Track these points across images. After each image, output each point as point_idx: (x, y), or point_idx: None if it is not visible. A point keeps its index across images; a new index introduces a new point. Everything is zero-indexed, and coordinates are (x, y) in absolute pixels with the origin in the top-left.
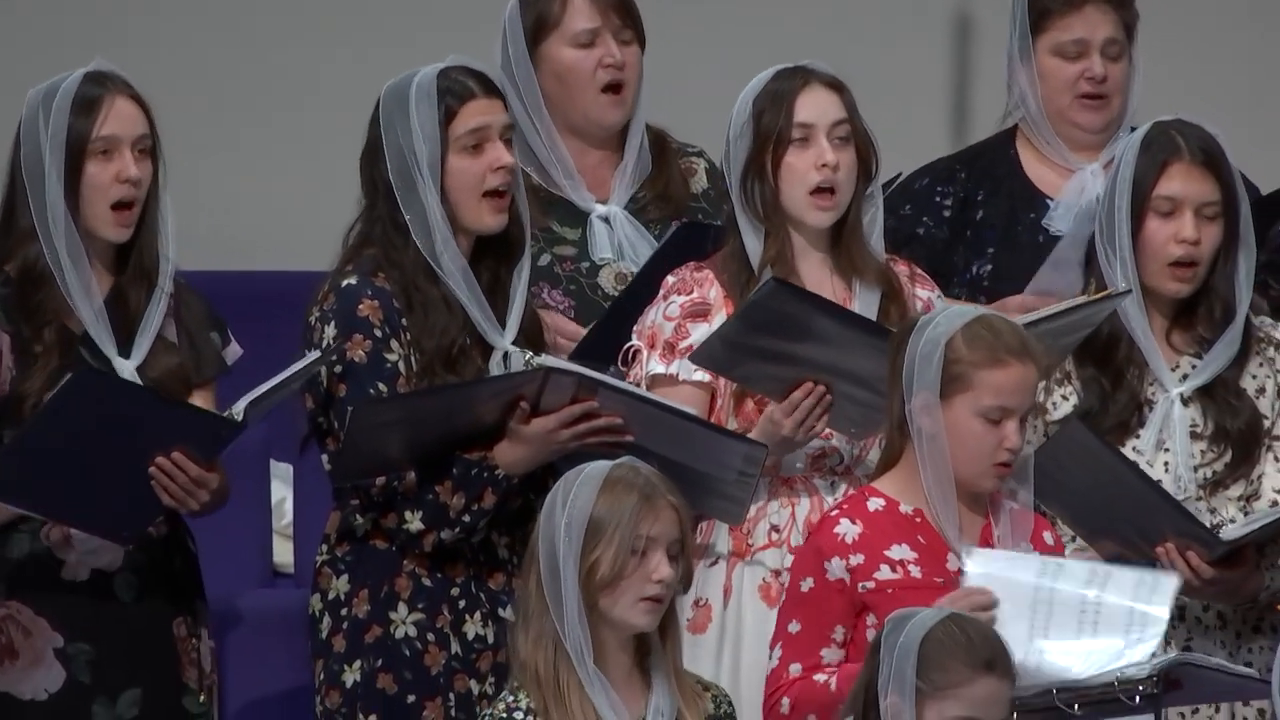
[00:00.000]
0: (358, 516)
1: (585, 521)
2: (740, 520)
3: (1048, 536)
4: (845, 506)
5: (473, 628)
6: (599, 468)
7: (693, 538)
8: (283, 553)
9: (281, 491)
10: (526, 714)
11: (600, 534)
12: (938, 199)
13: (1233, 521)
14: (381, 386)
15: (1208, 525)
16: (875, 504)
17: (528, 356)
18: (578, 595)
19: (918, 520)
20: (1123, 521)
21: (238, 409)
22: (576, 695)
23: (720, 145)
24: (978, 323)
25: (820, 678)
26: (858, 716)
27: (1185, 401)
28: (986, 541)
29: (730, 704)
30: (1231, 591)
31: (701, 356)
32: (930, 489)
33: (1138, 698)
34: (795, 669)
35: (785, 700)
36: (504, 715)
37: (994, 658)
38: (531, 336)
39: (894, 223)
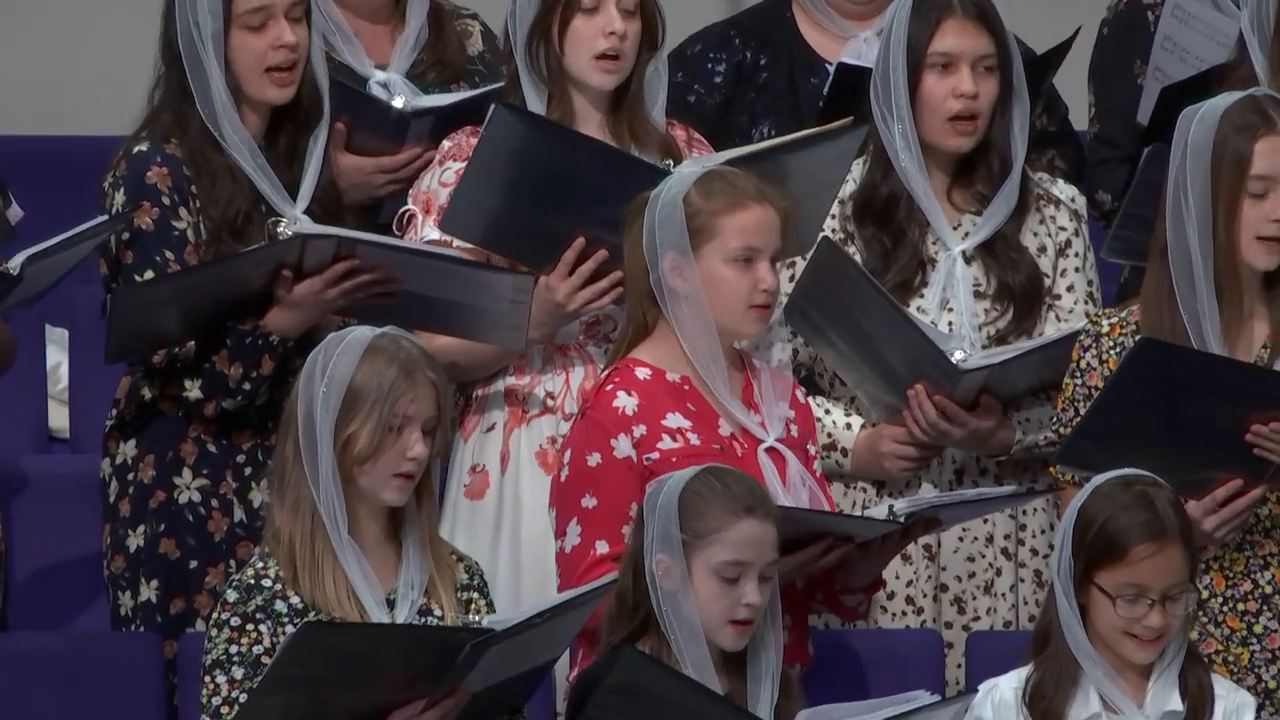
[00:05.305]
0: (145, 383)
1: (344, 390)
2: (520, 345)
3: (800, 394)
4: (617, 379)
5: (258, 495)
6: (361, 335)
7: (449, 412)
8: (58, 418)
9: (57, 356)
10: (275, 581)
11: (358, 406)
12: (710, 65)
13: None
14: (168, 254)
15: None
16: (643, 373)
17: (280, 227)
18: (333, 463)
19: (685, 388)
20: (880, 353)
21: (14, 263)
22: (330, 564)
23: (496, 6)
24: (709, 175)
25: None
26: (627, 590)
27: (968, 260)
28: (749, 399)
29: (483, 577)
30: (981, 440)
31: (450, 223)
32: (695, 349)
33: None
34: (602, 546)
35: None
36: (251, 582)
37: (754, 503)
38: (327, 204)
39: (669, 90)
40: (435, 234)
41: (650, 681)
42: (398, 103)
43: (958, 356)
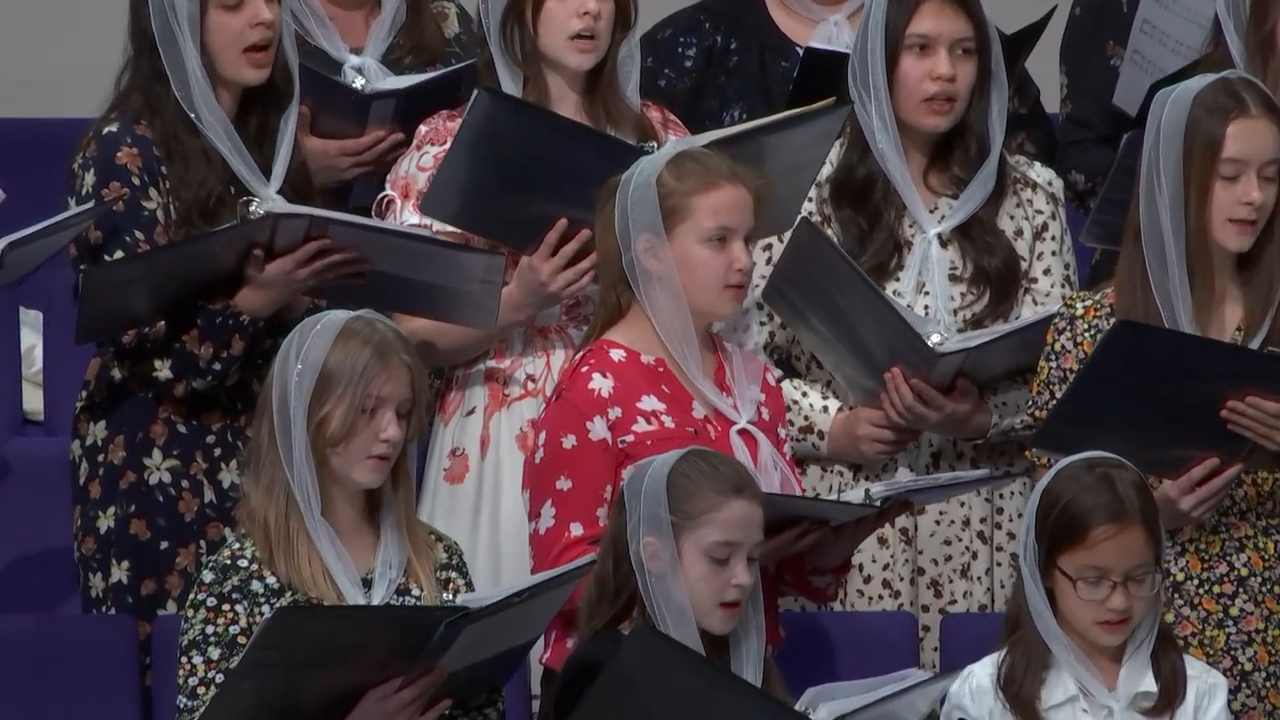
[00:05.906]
0: (115, 364)
1: (317, 372)
2: (492, 325)
3: (770, 378)
4: (592, 361)
5: (228, 476)
6: (335, 318)
7: (424, 395)
8: (33, 400)
9: (31, 339)
10: (251, 562)
11: (331, 388)
12: (679, 50)
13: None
14: (138, 234)
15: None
16: (618, 355)
17: (253, 206)
18: (306, 445)
19: (660, 370)
20: (858, 335)
21: None
22: (305, 546)
23: None
24: (681, 156)
25: None
26: (608, 574)
27: (944, 243)
28: (721, 381)
29: (461, 556)
30: (958, 424)
31: (431, 205)
32: (668, 331)
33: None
34: (576, 528)
35: None
36: (228, 562)
37: (742, 483)
38: (298, 186)
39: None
40: (415, 218)
41: (663, 661)
42: (358, 84)
43: (934, 340)
